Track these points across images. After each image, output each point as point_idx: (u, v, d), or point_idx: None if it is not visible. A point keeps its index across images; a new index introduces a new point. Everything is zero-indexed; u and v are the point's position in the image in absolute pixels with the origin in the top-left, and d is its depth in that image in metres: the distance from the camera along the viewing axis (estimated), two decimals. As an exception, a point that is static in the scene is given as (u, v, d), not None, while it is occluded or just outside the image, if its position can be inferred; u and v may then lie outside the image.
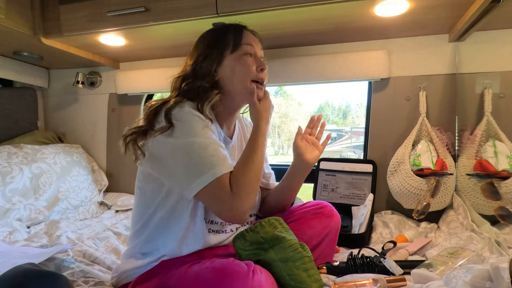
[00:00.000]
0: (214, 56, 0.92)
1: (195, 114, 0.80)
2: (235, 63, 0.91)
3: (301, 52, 1.58)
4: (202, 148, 0.76)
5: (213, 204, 0.78)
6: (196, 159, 0.76)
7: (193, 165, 0.76)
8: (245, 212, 0.79)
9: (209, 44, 0.94)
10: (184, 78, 0.93)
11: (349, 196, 1.50)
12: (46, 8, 1.39)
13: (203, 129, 0.79)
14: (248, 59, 0.93)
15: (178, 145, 0.77)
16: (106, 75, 1.91)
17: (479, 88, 1.34)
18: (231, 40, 0.93)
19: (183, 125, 0.78)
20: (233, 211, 0.77)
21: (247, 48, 0.93)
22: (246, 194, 0.77)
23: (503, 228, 1.18)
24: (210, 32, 0.98)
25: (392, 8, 1.17)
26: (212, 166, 0.75)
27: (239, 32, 0.94)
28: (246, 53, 0.93)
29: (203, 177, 0.75)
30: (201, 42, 0.97)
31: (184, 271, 0.76)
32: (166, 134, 0.78)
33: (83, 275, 0.94)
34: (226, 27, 0.97)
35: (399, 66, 1.47)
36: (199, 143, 0.77)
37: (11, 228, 1.31)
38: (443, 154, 1.33)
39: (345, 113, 9.71)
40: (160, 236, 0.85)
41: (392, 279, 0.78)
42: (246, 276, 0.66)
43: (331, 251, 1.04)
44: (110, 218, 1.56)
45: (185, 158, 0.77)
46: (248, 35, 0.96)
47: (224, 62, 0.92)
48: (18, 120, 1.83)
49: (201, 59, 0.93)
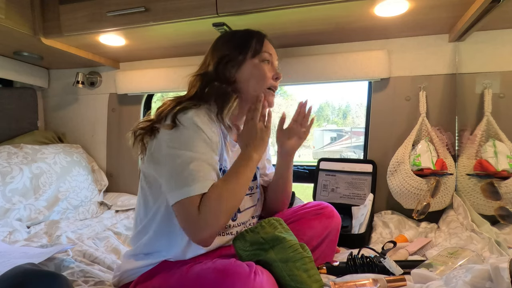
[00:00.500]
0: (238, 59, 0.93)
1: (197, 123, 0.80)
2: (254, 68, 0.94)
3: (301, 52, 1.58)
4: (185, 163, 0.76)
5: (181, 220, 0.77)
6: (177, 171, 0.77)
7: (174, 177, 0.77)
8: (211, 235, 0.76)
9: (234, 46, 0.95)
10: (204, 76, 0.93)
11: (349, 196, 1.50)
12: (46, 8, 1.39)
13: (196, 141, 0.79)
14: (266, 67, 0.95)
15: (169, 154, 0.79)
16: (106, 75, 1.91)
17: (479, 88, 1.34)
18: (254, 45, 0.95)
19: (179, 134, 0.79)
20: (198, 233, 0.74)
21: (267, 56, 0.96)
22: (213, 220, 0.74)
23: (503, 228, 1.18)
24: (234, 35, 1.00)
25: (392, 8, 1.17)
26: (186, 184, 0.75)
27: (261, 39, 0.97)
28: (265, 60, 0.95)
29: (177, 192, 0.75)
30: (225, 43, 0.97)
31: (185, 271, 0.76)
32: (165, 139, 0.80)
33: (83, 275, 0.94)
34: (250, 32, 0.99)
35: (399, 66, 1.47)
36: (185, 157, 0.77)
37: (11, 228, 1.31)
38: (443, 154, 1.33)
39: (345, 113, 9.71)
40: (163, 237, 0.85)
41: (392, 279, 0.78)
42: (247, 277, 0.66)
43: (331, 252, 1.04)
44: (110, 218, 1.56)
45: (170, 169, 0.78)
46: (268, 43, 0.99)
47: (244, 66, 0.93)
48: (18, 120, 1.83)
49: (226, 60, 0.93)
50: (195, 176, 0.75)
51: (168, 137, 0.80)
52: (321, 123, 9.83)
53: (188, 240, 0.83)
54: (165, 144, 0.80)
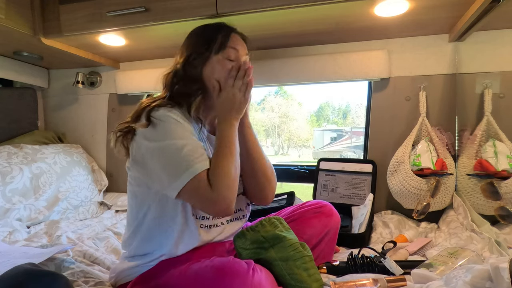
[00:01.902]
0: (203, 55, 0.92)
1: (171, 116, 0.81)
2: (217, 64, 0.91)
3: (301, 52, 1.58)
4: (177, 150, 0.78)
5: (196, 201, 0.80)
6: (172, 161, 0.78)
7: (170, 167, 0.78)
8: (229, 204, 0.79)
9: (200, 42, 0.94)
10: (174, 75, 0.93)
11: (349, 196, 1.50)
12: (46, 8, 1.39)
13: (178, 130, 0.80)
14: (229, 64, 0.92)
15: (155, 148, 0.79)
16: (106, 75, 1.91)
17: (479, 88, 1.34)
18: (219, 40, 0.93)
19: (159, 128, 0.80)
20: (217, 206, 0.78)
21: (231, 52, 0.93)
22: (226, 187, 0.77)
23: (503, 228, 1.18)
24: (201, 30, 0.98)
25: (392, 8, 1.17)
26: (188, 166, 0.77)
27: (227, 34, 0.94)
28: (228, 57, 0.92)
29: (181, 177, 0.76)
30: (193, 39, 0.97)
31: (183, 270, 0.76)
32: (144, 137, 0.81)
33: (83, 275, 0.94)
34: (216, 27, 0.97)
35: (399, 66, 1.47)
36: (175, 144, 0.78)
37: (11, 228, 1.31)
38: (443, 154, 1.33)
39: (345, 113, 9.71)
40: (155, 237, 0.85)
41: (392, 279, 0.78)
42: (246, 275, 0.66)
43: (330, 250, 1.04)
44: (110, 218, 1.56)
45: (162, 161, 0.79)
46: (235, 38, 0.95)
47: (209, 62, 0.92)
48: (18, 120, 1.83)
49: (192, 57, 0.93)
50: (191, 158, 0.77)
51: (146, 135, 0.81)
52: (321, 123, 9.83)
53: (178, 236, 0.84)
54: (144, 142, 0.81)
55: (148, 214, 0.85)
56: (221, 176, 0.77)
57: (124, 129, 0.84)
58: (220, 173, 0.78)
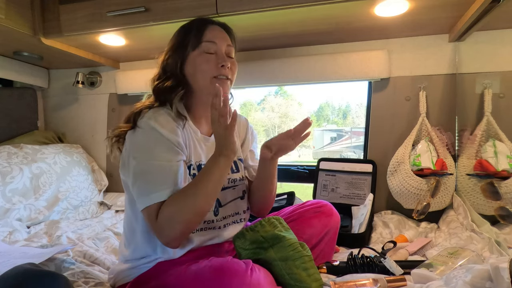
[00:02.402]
0: (178, 54, 0.93)
1: (153, 127, 0.81)
2: (196, 60, 0.91)
3: (301, 52, 1.58)
4: (144, 172, 0.79)
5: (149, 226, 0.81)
6: (138, 180, 0.80)
7: (136, 185, 0.80)
8: (169, 242, 0.78)
9: (174, 43, 0.95)
10: (156, 78, 0.95)
11: (349, 196, 1.50)
12: (46, 8, 1.39)
13: (155, 148, 0.80)
14: (208, 57, 0.91)
15: (131, 160, 0.81)
16: (106, 75, 1.91)
17: (479, 88, 1.34)
18: (192, 38, 0.93)
19: (139, 140, 0.82)
20: (160, 238, 0.78)
21: (208, 45, 0.92)
22: (168, 229, 0.76)
23: (503, 228, 1.18)
24: (178, 30, 0.99)
25: (392, 8, 1.17)
26: (146, 193, 0.78)
27: (201, 29, 0.94)
28: (207, 51, 0.92)
29: (140, 200, 0.79)
30: (171, 41, 0.98)
31: (182, 270, 0.76)
32: (128, 143, 0.83)
33: (83, 275, 0.94)
34: (189, 25, 0.97)
35: (399, 66, 1.47)
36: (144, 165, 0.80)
37: (11, 228, 1.31)
38: (443, 154, 1.33)
39: (345, 113, 9.70)
40: (151, 240, 0.85)
41: (392, 279, 0.78)
42: (244, 274, 0.66)
43: (330, 250, 1.04)
44: (110, 218, 1.56)
45: (133, 176, 0.81)
46: (212, 31, 0.94)
47: (188, 60, 0.93)
48: (18, 120, 1.83)
49: (167, 57, 0.94)
50: (153, 185, 0.78)
51: (129, 142, 0.83)
52: (321, 123, 9.83)
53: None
54: (128, 149, 0.83)
55: (140, 219, 0.86)
56: (169, 215, 0.76)
57: (118, 134, 0.86)
58: (171, 213, 0.76)
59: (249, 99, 8.58)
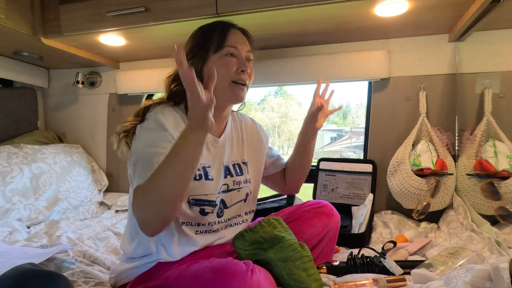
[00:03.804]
0: (200, 56, 0.92)
1: (158, 118, 0.81)
2: (217, 63, 0.90)
3: (301, 52, 1.58)
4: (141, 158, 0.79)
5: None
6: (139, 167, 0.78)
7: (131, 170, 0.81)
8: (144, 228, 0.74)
9: (196, 44, 0.94)
10: (173, 78, 0.94)
11: (349, 196, 1.50)
12: (46, 8, 1.39)
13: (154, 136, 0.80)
14: (229, 60, 0.91)
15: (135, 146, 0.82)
16: (106, 75, 1.91)
17: (479, 88, 1.34)
18: (215, 40, 0.92)
19: (143, 127, 0.83)
20: (139, 225, 0.74)
21: (230, 50, 0.92)
22: (139, 212, 0.72)
23: (503, 228, 1.18)
24: (198, 31, 0.98)
25: (392, 8, 1.17)
26: (137, 177, 0.77)
27: (224, 33, 0.93)
28: (228, 54, 0.91)
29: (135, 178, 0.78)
30: (190, 41, 0.97)
31: (182, 271, 0.76)
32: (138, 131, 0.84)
33: (83, 275, 0.94)
34: (213, 27, 0.96)
35: (399, 66, 1.47)
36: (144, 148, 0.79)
37: (11, 228, 1.31)
38: (443, 154, 1.33)
39: (345, 113, 9.70)
40: (150, 240, 0.85)
41: (392, 279, 0.78)
42: (244, 275, 0.66)
43: (330, 250, 1.04)
44: (110, 218, 1.56)
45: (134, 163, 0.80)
46: (234, 35, 0.94)
47: (208, 62, 0.92)
48: (18, 120, 1.83)
49: (189, 58, 0.93)
50: (144, 168, 0.76)
51: (137, 132, 0.84)
52: (321, 123, 9.82)
53: (174, 242, 0.84)
54: (135, 140, 0.84)
55: None
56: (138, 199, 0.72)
57: (127, 128, 0.85)
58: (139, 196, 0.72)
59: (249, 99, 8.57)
